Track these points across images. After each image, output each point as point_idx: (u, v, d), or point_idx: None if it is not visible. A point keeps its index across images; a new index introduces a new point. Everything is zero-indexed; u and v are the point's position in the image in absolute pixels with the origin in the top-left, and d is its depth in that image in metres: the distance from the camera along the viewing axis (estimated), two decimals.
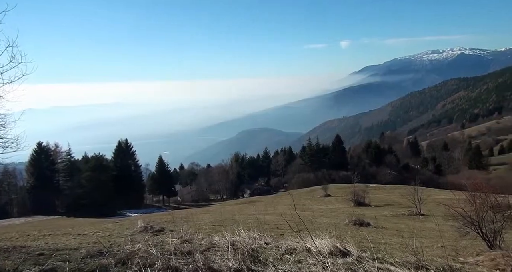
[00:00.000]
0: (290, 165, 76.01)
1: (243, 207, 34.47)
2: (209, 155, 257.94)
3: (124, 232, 9.73)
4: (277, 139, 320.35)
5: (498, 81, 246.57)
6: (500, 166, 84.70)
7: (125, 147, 61.91)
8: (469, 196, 8.73)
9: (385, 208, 26.31)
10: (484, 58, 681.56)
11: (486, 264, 5.85)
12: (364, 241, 7.91)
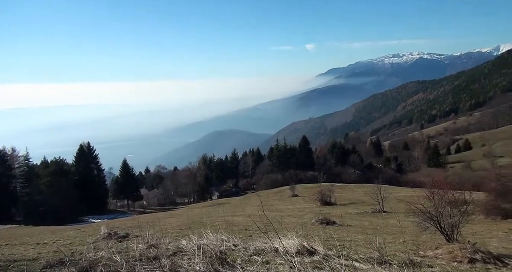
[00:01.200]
0: (259, 166, 76.32)
1: (211, 209, 34.16)
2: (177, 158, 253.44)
3: (86, 239, 9.34)
4: (246, 141, 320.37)
5: (454, 84, 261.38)
6: (457, 164, 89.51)
7: (87, 150, 59.57)
8: (428, 192, 9.14)
9: (350, 207, 27.04)
10: (441, 62, 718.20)
11: (444, 257, 6.16)
12: (330, 239, 8.08)
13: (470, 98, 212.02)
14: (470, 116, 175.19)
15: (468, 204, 9.05)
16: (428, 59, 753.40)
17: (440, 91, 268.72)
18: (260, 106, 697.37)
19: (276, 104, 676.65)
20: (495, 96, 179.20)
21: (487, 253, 6.05)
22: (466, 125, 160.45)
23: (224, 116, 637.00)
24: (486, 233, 11.24)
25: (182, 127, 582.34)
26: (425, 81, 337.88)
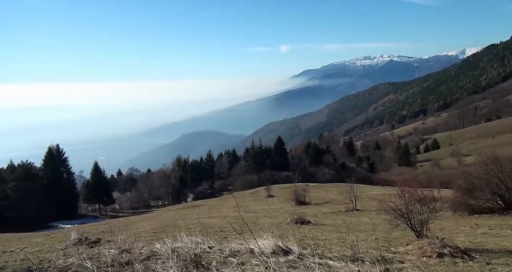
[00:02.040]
0: (234, 167, 76.07)
1: (186, 212, 33.74)
2: (150, 160, 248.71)
3: (56, 246, 8.98)
4: (221, 142, 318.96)
5: (423, 85, 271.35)
6: (426, 162, 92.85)
7: (56, 153, 57.36)
8: (399, 191, 9.42)
9: (324, 206, 27.43)
10: (411, 65, 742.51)
11: (414, 252, 6.36)
12: (305, 239, 8.17)
13: (438, 99, 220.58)
14: (438, 116, 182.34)
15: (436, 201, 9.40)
16: (398, 62, 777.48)
17: (409, 92, 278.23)
18: (236, 107, 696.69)
19: (252, 105, 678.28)
20: (461, 98, 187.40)
21: (454, 248, 6.30)
22: (434, 125, 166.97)
23: (199, 117, 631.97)
24: (453, 229, 11.69)
25: (156, 128, 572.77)
26: (395, 83, 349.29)
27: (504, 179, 15.70)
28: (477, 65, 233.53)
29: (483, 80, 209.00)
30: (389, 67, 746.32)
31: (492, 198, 16.30)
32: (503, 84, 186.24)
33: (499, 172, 15.86)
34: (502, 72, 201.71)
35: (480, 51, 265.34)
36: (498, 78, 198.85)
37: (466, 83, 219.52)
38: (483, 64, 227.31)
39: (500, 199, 16.14)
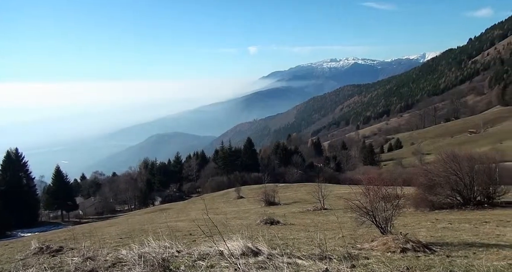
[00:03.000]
0: (203, 169, 75.32)
1: (153, 216, 33.03)
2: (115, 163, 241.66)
3: (15, 256, 8.46)
4: (190, 144, 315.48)
5: (386, 87, 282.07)
6: (389, 161, 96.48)
7: (15, 157, 54.25)
8: (364, 189, 9.71)
9: (293, 206, 27.77)
10: (374, 68, 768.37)
11: (379, 248, 6.57)
12: (275, 239, 8.22)
13: (400, 101, 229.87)
14: (401, 117, 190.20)
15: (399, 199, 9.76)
16: (363, 64, 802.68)
17: (373, 94, 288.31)
18: (204, 108, 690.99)
19: (220, 106, 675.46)
20: (422, 99, 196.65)
21: (417, 242, 6.57)
22: (397, 125, 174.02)
23: (167, 119, 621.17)
24: (416, 224, 12.19)
25: (122, 130, 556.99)
26: (360, 85, 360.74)
27: (462, 176, 16.60)
28: (436, 68, 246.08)
29: (442, 82, 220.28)
30: (354, 69, 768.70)
31: (451, 194, 17.19)
32: (460, 87, 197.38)
33: (458, 170, 16.76)
34: (460, 75, 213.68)
35: (439, 55, 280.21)
36: (456, 81, 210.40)
37: (426, 85, 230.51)
38: (441, 68, 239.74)
39: (459, 195, 17.06)
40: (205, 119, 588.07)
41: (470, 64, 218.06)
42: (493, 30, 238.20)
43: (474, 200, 16.71)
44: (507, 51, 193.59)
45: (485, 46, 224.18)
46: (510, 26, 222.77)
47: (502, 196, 16.89)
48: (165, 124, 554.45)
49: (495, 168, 17.61)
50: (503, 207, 16.07)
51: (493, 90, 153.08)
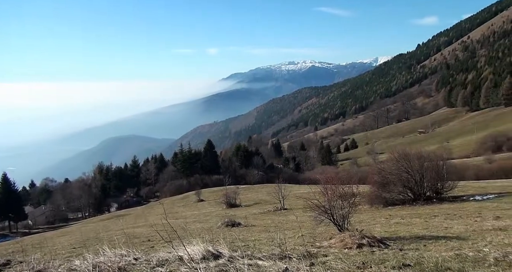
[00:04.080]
0: (162, 173, 73.51)
1: (109, 223, 31.70)
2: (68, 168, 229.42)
3: None
4: (147, 147, 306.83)
5: (342, 90, 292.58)
6: (346, 161, 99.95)
7: None
8: (322, 188, 9.95)
9: (254, 207, 27.87)
10: (330, 71, 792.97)
11: (337, 245, 6.75)
12: (236, 241, 8.18)
13: (355, 102, 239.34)
14: (356, 118, 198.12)
15: (355, 196, 10.12)
16: (319, 67, 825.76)
17: (330, 96, 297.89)
18: (162, 110, 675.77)
19: (179, 108, 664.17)
20: (375, 101, 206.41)
21: (372, 238, 6.83)
22: (352, 126, 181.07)
23: (122, 121, 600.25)
24: (370, 220, 12.68)
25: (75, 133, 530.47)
26: (317, 87, 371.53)
27: (413, 173, 17.54)
28: (388, 72, 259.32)
29: (393, 85, 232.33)
30: (311, 72, 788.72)
31: (403, 191, 18.09)
32: (410, 89, 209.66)
33: (409, 167, 17.69)
34: (409, 78, 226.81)
35: (391, 59, 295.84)
36: (406, 84, 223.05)
37: (379, 88, 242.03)
38: (393, 71, 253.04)
39: (410, 191, 18.00)
40: (163, 121, 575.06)
41: (419, 68, 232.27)
42: (439, 37, 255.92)
43: (424, 196, 17.71)
44: (452, 57, 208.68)
45: (432, 52, 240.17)
46: (454, 33, 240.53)
47: (449, 191, 18.05)
48: (121, 126, 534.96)
49: (442, 165, 18.73)
50: (450, 201, 17.18)
51: (440, 93, 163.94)
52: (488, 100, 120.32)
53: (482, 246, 6.15)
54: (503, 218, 10.36)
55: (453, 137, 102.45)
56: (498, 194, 18.01)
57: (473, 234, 7.82)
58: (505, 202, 15.08)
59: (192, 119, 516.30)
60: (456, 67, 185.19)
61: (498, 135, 75.44)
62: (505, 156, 58.34)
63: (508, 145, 70.32)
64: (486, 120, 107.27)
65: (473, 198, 17.45)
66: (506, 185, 22.97)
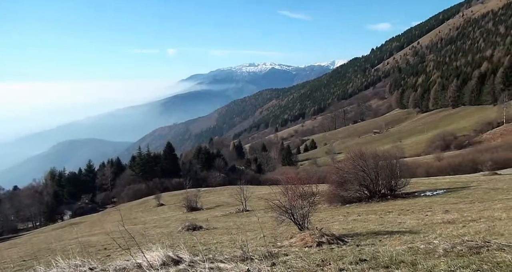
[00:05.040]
0: (119, 178, 70.70)
1: (62, 232, 30.03)
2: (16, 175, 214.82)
3: None
4: (103, 150, 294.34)
5: (301, 92, 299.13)
6: (305, 161, 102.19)
7: None
8: (283, 189, 10.09)
9: (216, 209, 27.67)
10: (290, 73, 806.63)
11: (298, 244, 6.86)
12: (197, 245, 8.07)
13: (314, 104, 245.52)
14: (315, 119, 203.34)
15: (315, 196, 10.37)
16: (279, 70, 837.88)
17: (290, 98, 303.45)
18: (119, 111, 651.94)
19: (137, 109, 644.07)
20: (333, 103, 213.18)
21: (331, 236, 7.02)
22: (311, 127, 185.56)
23: (77, 124, 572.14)
24: (329, 218, 13.04)
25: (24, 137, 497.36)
26: (278, 89, 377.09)
27: (368, 172, 18.27)
28: (344, 75, 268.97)
29: (349, 88, 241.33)
30: (271, 74, 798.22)
31: (359, 189, 18.80)
32: (365, 92, 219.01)
33: (365, 166, 18.42)
34: (364, 81, 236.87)
35: (347, 63, 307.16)
36: (361, 87, 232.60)
37: (336, 90, 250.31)
38: (349, 74, 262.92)
39: (366, 189, 18.74)
40: (120, 124, 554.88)
41: (373, 71, 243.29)
42: (392, 42, 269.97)
43: (379, 193, 18.53)
44: (404, 61, 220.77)
45: (385, 56, 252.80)
46: (405, 39, 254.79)
47: (402, 188, 19.02)
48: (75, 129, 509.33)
49: (396, 163, 19.69)
50: (403, 197, 18.10)
51: (392, 95, 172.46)
52: (437, 102, 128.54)
53: (432, 238, 6.53)
54: (451, 211, 11.07)
55: (405, 136, 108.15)
56: (446, 190, 19.24)
57: (425, 228, 8.28)
58: (453, 196, 16.14)
59: (150, 121, 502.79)
60: (407, 70, 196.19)
61: (446, 134, 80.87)
62: (452, 154, 62.45)
63: (456, 144, 75.54)
64: (435, 121, 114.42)
65: (424, 194, 18.49)
66: (453, 181, 24.58)
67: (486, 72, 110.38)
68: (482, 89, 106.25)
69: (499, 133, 74.42)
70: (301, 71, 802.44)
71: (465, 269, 3.71)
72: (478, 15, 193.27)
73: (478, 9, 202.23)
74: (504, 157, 43.94)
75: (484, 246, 4.88)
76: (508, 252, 4.36)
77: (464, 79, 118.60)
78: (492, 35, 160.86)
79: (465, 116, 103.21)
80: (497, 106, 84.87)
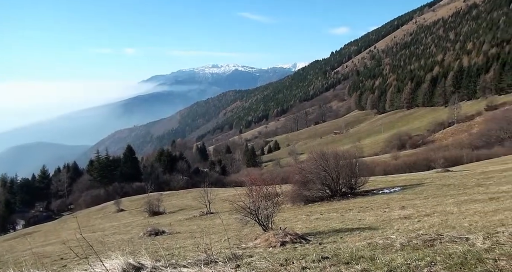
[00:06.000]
0: (76, 183, 67.47)
1: (15, 243, 28.10)
2: None
3: None
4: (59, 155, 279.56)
5: (264, 93, 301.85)
6: (269, 162, 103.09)
7: None
8: (247, 190, 10.10)
9: (179, 213, 27.17)
10: (253, 75, 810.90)
11: (262, 245, 6.89)
12: (160, 250, 7.87)
13: (277, 106, 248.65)
14: (278, 121, 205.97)
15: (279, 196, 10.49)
16: (242, 71, 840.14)
17: (254, 99, 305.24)
18: (76, 114, 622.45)
19: (95, 111, 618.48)
20: (295, 105, 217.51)
21: (294, 235, 7.12)
22: (275, 128, 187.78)
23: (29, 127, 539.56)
24: (293, 218, 13.22)
25: None
26: (241, 91, 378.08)
27: (330, 171, 18.75)
28: (306, 77, 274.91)
29: (311, 89, 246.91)
30: (235, 75, 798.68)
31: (321, 188, 19.24)
32: (326, 94, 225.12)
33: (326, 166, 18.88)
34: (325, 83, 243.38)
35: (308, 65, 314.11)
36: (322, 89, 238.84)
37: (298, 92, 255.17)
38: (310, 77, 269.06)
39: (328, 188, 19.21)
40: (77, 127, 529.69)
41: (333, 74, 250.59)
42: (350, 46, 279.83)
43: (340, 192, 19.08)
44: (362, 64, 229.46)
45: (344, 59, 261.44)
46: (363, 43, 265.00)
47: (362, 186, 19.72)
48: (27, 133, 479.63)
49: (355, 163, 20.37)
50: (363, 195, 18.76)
51: (352, 97, 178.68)
52: (393, 104, 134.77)
53: (390, 234, 6.81)
54: (407, 207, 11.63)
55: (364, 137, 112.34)
56: (403, 187, 20.18)
57: (383, 224, 8.63)
58: (409, 193, 16.96)
59: (109, 124, 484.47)
60: (365, 73, 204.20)
61: (402, 134, 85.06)
62: (408, 153, 65.71)
63: (411, 143, 79.58)
64: (391, 121, 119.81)
65: (382, 192, 19.28)
66: (409, 178, 25.81)
67: (437, 76, 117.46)
68: (434, 91, 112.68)
69: (450, 132, 79.33)
70: (264, 72, 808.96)
71: (420, 262, 3.89)
72: (430, 22, 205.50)
73: (430, 17, 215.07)
74: (455, 155, 46.92)
75: (438, 239, 5.16)
76: (459, 244, 4.64)
77: (418, 82, 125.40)
78: (443, 41, 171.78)
79: (419, 117, 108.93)
80: (448, 107, 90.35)
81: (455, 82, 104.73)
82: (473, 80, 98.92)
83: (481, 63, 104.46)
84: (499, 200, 10.32)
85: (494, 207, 8.97)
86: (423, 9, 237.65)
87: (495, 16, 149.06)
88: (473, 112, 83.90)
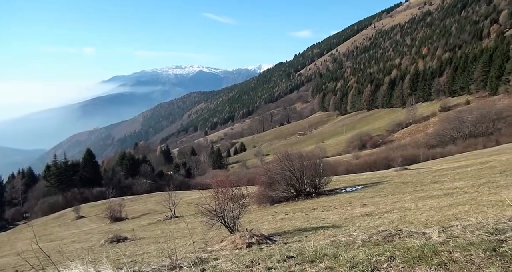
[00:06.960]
0: (32, 190, 63.67)
1: None
2: None
3: None
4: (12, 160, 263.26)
5: (230, 95, 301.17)
6: (236, 164, 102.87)
7: None
8: (213, 192, 10.02)
9: (142, 218, 26.44)
10: (218, 76, 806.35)
11: (228, 247, 6.86)
12: (122, 258, 7.61)
13: (243, 107, 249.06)
14: (243, 122, 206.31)
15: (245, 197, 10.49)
16: (207, 72, 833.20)
17: (219, 101, 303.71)
18: (31, 116, 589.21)
19: (52, 113, 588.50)
20: (260, 106, 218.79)
21: (260, 236, 7.15)
22: (240, 130, 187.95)
23: None
24: (259, 219, 13.27)
25: None
26: (206, 92, 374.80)
27: (294, 171, 19.04)
28: (270, 79, 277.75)
29: (276, 91, 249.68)
30: (199, 76, 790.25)
31: (287, 189, 19.49)
32: (290, 95, 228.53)
33: (291, 167, 19.15)
34: (289, 85, 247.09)
35: (272, 67, 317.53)
36: (287, 90, 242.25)
37: (263, 93, 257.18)
38: (275, 79, 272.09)
39: (293, 189, 19.49)
40: (32, 130, 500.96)
41: (296, 76, 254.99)
42: (313, 48, 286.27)
43: (305, 192, 19.42)
44: (324, 67, 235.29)
45: (308, 62, 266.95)
46: (325, 46, 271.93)
47: (325, 185, 20.19)
48: None
49: (319, 163, 20.82)
50: (327, 194, 19.21)
51: (315, 99, 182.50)
52: (354, 105, 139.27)
53: (352, 231, 7.02)
54: (368, 205, 12.04)
55: (327, 137, 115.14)
56: (364, 185, 20.88)
57: (346, 222, 8.87)
58: (370, 191, 17.57)
59: (67, 126, 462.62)
60: (327, 76, 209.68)
61: (362, 135, 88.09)
62: (369, 152, 68.01)
63: (371, 143, 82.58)
64: (353, 122, 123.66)
65: (345, 190, 19.84)
66: (370, 177, 26.76)
67: (395, 79, 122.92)
68: (392, 93, 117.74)
69: (407, 132, 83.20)
70: (229, 74, 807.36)
71: (381, 257, 4.03)
72: (388, 28, 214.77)
73: (388, 22, 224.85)
74: (412, 154, 49.17)
75: (397, 234, 5.37)
76: (416, 238, 4.85)
77: (377, 84, 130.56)
78: (400, 46, 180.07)
79: (379, 118, 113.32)
80: (405, 108, 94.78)
81: (412, 85, 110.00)
82: (428, 83, 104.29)
83: (435, 67, 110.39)
84: (453, 196, 10.94)
85: (449, 202, 9.50)
86: (381, 15, 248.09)
87: (448, 23, 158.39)
88: (429, 113, 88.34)
